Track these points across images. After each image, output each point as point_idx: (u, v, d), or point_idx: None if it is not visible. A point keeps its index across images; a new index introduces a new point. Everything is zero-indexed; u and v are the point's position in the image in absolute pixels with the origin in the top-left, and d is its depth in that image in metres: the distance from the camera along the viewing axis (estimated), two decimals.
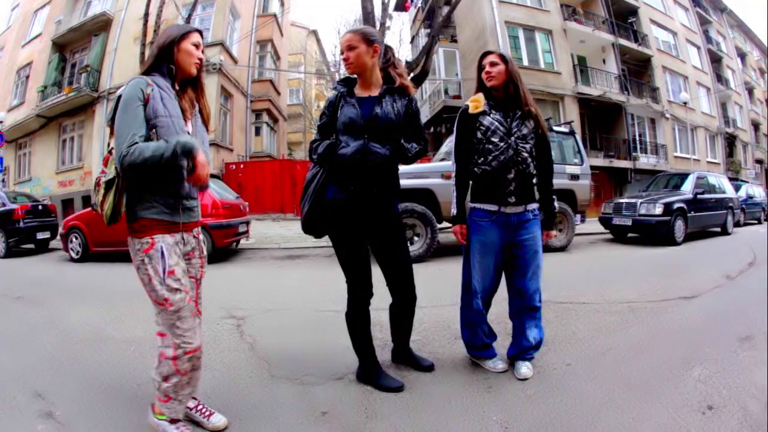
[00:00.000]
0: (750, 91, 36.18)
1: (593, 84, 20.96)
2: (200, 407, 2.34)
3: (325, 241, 9.83)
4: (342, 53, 2.61)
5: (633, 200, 10.67)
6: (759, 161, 35.70)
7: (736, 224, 14.14)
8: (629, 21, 23.46)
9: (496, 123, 2.84)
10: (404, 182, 6.92)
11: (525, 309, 2.98)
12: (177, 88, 2.20)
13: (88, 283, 6.93)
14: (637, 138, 22.49)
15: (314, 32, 35.47)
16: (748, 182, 22.99)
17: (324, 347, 3.36)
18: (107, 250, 8.60)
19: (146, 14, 13.45)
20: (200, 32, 2.25)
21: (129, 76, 11.16)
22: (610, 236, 11.72)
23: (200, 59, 2.22)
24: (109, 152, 2.07)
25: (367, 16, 12.63)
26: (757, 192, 20.24)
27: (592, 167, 17.23)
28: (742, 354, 3.43)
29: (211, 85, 16.92)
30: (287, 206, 17.43)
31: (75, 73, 19.93)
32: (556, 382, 2.86)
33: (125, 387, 2.79)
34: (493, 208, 2.85)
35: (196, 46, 2.19)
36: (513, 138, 2.80)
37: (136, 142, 1.91)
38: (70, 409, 2.52)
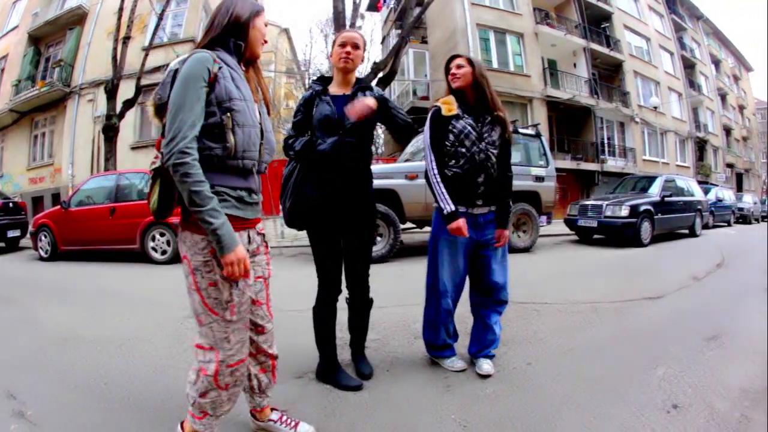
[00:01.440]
0: (723, 97, 36.90)
1: (563, 87, 21.18)
2: (285, 419, 2.21)
3: (289, 240, 9.82)
4: (345, 46, 2.65)
5: (599, 202, 10.79)
6: (730, 165, 36.37)
7: (705, 226, 14.37)
8: (602, 26, 23.77)
9: (469, 128, 2.87)
10: None
11: (494, 303, 3.07)
12: (243, 68, 1.95)
13: (58, 282, 6.92)
14: (606, 141, 22.77)
15: (286, 30, 35.21)
16: (717, 185, 23.46)
17: (285, 346, 3.34)
18: (76, 249, 8.55)
19: (121, 9, 13.32)
20: None
21: (102, 71, 12.91)
22: (575, 238, 11.80)
23: (266, 40, 2.02)
24: (163, 135, 1.73)
25: (338, 16, 12.54)
26: (727, 195, 20.62)
27: (560, 169, 17.44)
28: (709, 353, 3.48)
29: None
30: None
31: (49, 68, 19.69)
32: (515, 381, 2.90)
33: (95, 386, 2.81)
34: (463, 209, 2.88)
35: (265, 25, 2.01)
36: (484, 143, 2.87)
37: (189, 151, 1.62)
38: (42, 409, 2.53)
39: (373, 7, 25.99)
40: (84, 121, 17.76)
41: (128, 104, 13.45)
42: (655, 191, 11.30)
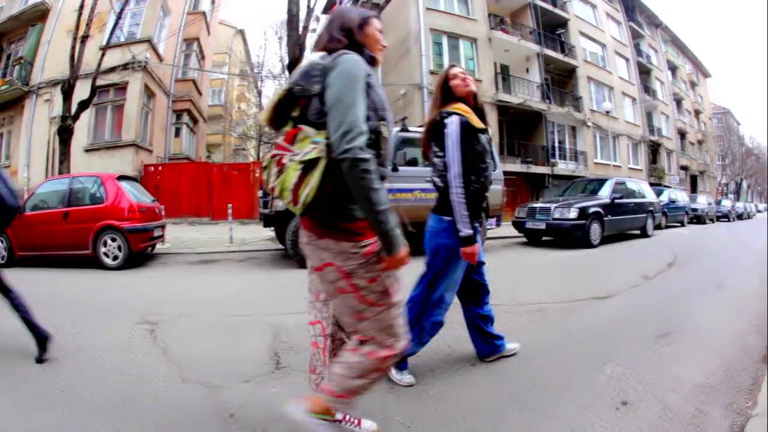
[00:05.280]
0: (679, 102, 38.11)
1: (514, 92, 21.50)
2: (348, 417, 2.17)
3: (237, 245, 10.21)
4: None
5: (547, 205, 10.91)
6: (684, 168, 37.61)
7: (657, 227, 14.80)
8: (557, 32, 24.26)
9: (487, 142, 2.86)
10: None
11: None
12: None
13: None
14: (557, 145, 23.22)
15: (241, 32, 35.02)
16: (671, 187, 24.15)
17: (233, 351, 3.44)
18: (33, 255, 8.16)
19: (81, 6, 12.96)
20: None
21: (60, 70, 12.74)
22: (524, 240, 11.91)
23: (384, 46, 2.02)
24: (296, 128, 1.77)
25: (292, 18, 12.55)
26: (680, 196, 21.14)
27: (510, 173, 18.15)
28: (660, 350, 3.54)
29: (135, 83, 16.89)
30: (203, 210, 17.27)
31: (9, 65, 19.06)
32: (460, 382, 2.92)
33: (51, 394, 2.79)
34: (476, 224, 2.81)
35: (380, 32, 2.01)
36: (490, 157, 2.91)
37: (363, 146, 1.63)
38: None
39: (329, 9, 26.02)
40: (41, 121, 17.36)
41: (83, 105, 13.18)
42: (605, 193, 11.52)
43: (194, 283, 6.72)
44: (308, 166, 1.64)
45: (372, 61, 1.92)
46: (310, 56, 1.86)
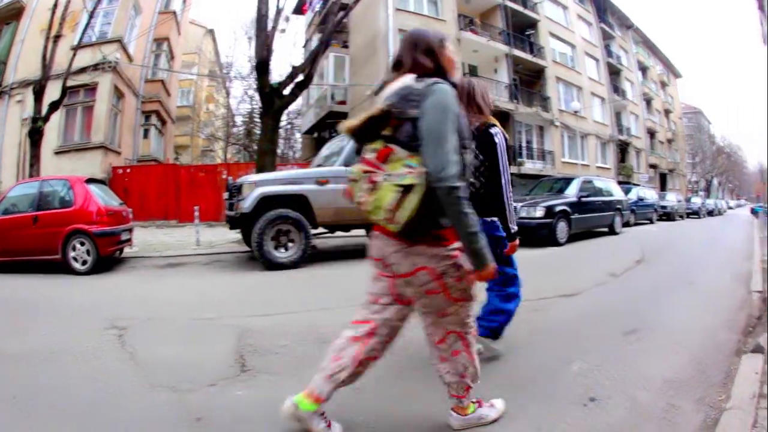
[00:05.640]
0: (648, 102, 39.07)
1: None
2: (324, 416, 2.25)
3: (203, 248, 10.50)
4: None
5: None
6: (653, 166, 38.51)
7: (626, 224, 14.94)
8: (527, 33, 24.70)
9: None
10: (278, 188, 7.49)
11: None
12: None
13: None
14: (525, 144, 23.61)
15: (211, 32, 34.65)
16: (639, 185, 24.64)
17: (199, 354, 3.44)
18: (4, 260, 7.89)
19: (55, 4, 12.84)
20: None
21: (32, 70, 12.66)
22: None
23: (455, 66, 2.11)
24: (387, 147, 1.87)
25: (261, 19, 12.38)
26: (649, 194, 21.58)
27: None
28: (628, 347, 3.54)
29: (104, 84, 16.71)
30: (171, 213, 16.97)
31: None
32: (423, 381, 2.87)
33: (21, 400, 2.74)
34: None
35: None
36: None
37: (456, 175, 1.80)
38: None
39: (299, 10, 26.11)
40: (13, 123, 17.02)
41: (54, 106, 13.03)
42: (572, 192, 11.60)
43: (161, 286, 6.68)
44: (405, 189, 1.76)
45: (454, 87, 1.98)
46: (403, 79, 1.96)
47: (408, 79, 1.93)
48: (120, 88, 17.83)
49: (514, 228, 3.09)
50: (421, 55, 1.98)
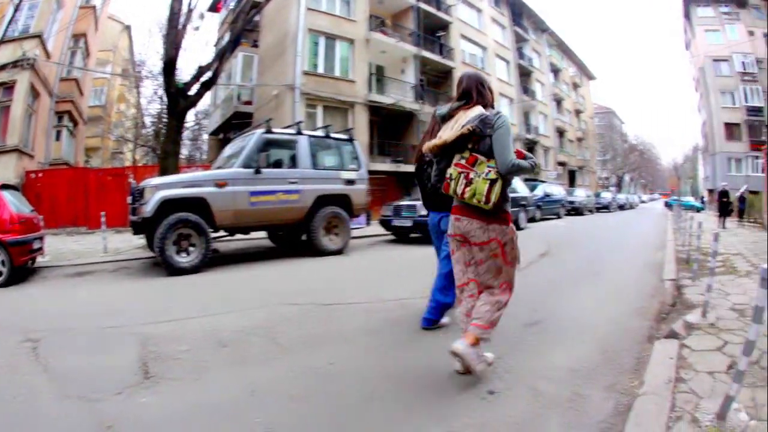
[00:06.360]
0: (559, 102, 41.31)
1: (388, 93, 21.94)
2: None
3: (111, 255, 10.17)
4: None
5: (413, 202, 10.92)
6: (562, 164, 40.86)
7: (532, 220, 15.72)
8: (438, 35, 25.33)
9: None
10: (178, 191, 7.37)
11: None
12: None
13: None
14: None
15: (128, 28, 33.27)
16: (546, 182, 25.85)
17: (106, 364, 3.44)
18: None
19: None
20: None
21: None
22: (392, 237, 11.97)
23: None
24: (473, 155, 2.80)
25: (173, 17, 11.94)
26: (556, 191, 22.71)
27: (380, 172, 19.15)
28: (530, 338, 3.62)
29: (22, 82, 15.59)
30: (80, 218, 16.03)
31: None
32: (321, 381, 2.97)
33: None
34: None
35: None
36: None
37: (516, 162, 2.76)
38: None
39: (214, 7, 25.65)
40: None
41: None
42: None
43: (71, 296, 6.48)
44: (493, 182, 2.74)
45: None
46: (478, 109, 2.88)
47: (481, 110, 2.88)
48: (36, 86, 16.75)
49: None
50: (485, 90, 3.00)
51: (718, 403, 2.36)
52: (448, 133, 2.86)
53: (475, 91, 2.96)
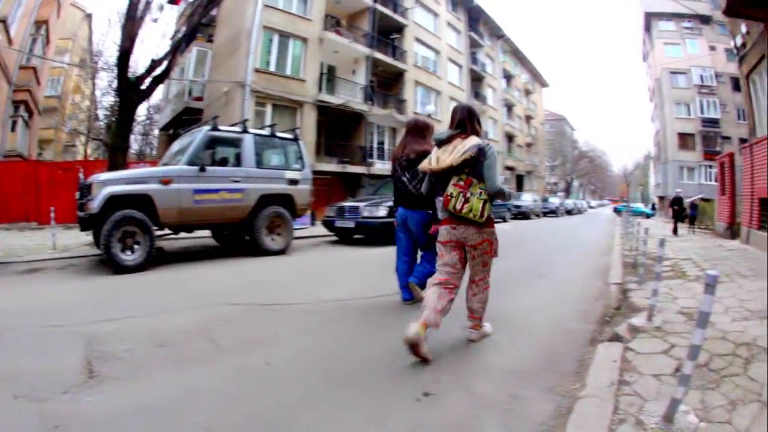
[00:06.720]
0: (510, 108, 42.70)
1: (337, 93, 22.03)
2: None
3: (59, 252, 9.98)
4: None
5: (356, 204, 11.07)
6: (510, 168, 42.31)
7: None
8: (392, 37, 25.81)
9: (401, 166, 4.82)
10: (124, 188, 7.30)
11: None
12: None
13: None
14: (376, 145, 24.67)
15: (89, 17, 32.37)
16: None
17: (53, 363, 3.41)
18: None
19: None
20: None
21: None
22: (335, 238, 11.96)
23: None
24: (468, 178, 3.38)
25: (131, 8, 11.81)
26: None
27: (325, 172, 19.62)
28: (467, 341, 3.66)
29: None
30: (32, 214, 15.62)
31: None
32: (255, 381, 2.97)
33: None
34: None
35: None
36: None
37: (501, 186, 3.42)
38: None
39: (173, 1, 24.70)
40: None
41: None
42: None
43: (20, 294, 6.27)
44: (485, 201, 3.35)
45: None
46: (474, 139, 3.46)
47: (477, 140, 3.44)
48: None
49: (439, 216, 3.92)
50: (477, 124, 3.60)
51: (663, 405, 2.38)
52: (452, 157, 3.39)
53: (468, 123, 3.55)
